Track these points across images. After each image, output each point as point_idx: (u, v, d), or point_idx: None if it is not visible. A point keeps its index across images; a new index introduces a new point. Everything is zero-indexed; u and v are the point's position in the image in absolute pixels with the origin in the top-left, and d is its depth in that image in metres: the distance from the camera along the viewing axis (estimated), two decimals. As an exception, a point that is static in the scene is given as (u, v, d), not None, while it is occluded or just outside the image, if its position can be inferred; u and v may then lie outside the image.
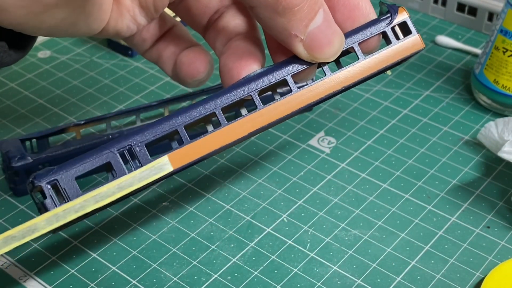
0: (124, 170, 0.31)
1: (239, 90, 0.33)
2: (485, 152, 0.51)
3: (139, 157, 0.31)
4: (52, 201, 0.30)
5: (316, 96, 0.34)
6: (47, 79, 0.58)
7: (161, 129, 0.32)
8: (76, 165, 0.31)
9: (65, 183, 0.31)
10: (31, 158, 0.45)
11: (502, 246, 0.44)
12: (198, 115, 0.32)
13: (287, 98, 0.33)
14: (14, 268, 0.42)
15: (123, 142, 0.31)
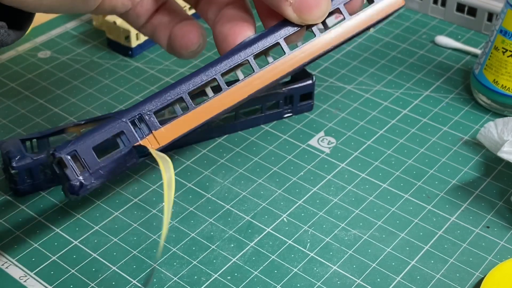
0: (136, 138, 0.33)
1: (236, 55, 0.35)
2: (485, 152, 0.51)
3: (149, 124, 0.34)
4: (73, 170, 0.32)
5: (308, 56, 0.36)
6: (48, 79, 0.58)
7: (167, 97, 0.34)
8: (92, 136, 0.33)
9: (83, 153, 0.33)
10: (31, 158, 0.45)
11: (501, 246, 0.44)
12: (200, 82, 0.34)
13: (282, 60, 0.36)
14: (14, 268, 0.42)
15: (133, 111, 0.33)
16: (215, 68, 0.35)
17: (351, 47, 0.62)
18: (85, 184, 0.33)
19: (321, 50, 0.36)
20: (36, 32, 0.64)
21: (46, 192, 0.47)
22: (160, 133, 0.34)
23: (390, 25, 0.65)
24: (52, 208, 0.46)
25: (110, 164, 0.33)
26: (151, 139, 0.34)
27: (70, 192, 0.33)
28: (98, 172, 0.33)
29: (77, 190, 0.33)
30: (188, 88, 0.34)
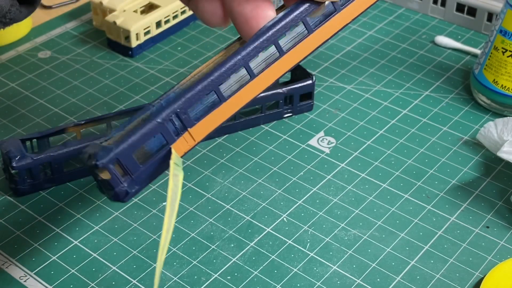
0: (173, 138, 0.33)
1: (262, 41, 0.34)
2: (485, 152, 0.51)
3: (185, 122, 0.33)
4: (117, 178, 0.32)
5: (330, 32, 0.35)
6: (48, 79, 0.58)
7: (201, 92, 0.33)
8: (131, 140, 0.32)
9: (125, 159, 0.32)
10: (31, 158, 0.45)
11: (501, 245, 0.44)
12: (230, 73, 0.34)
13: (308, 39, 0.35)
14: (14, 267, 0.42)
15: (168, 110, 0.33)
16: (243, 57, 0.34)
17: (351, 47, 0.62)
18: (129, 191, 0.32)
19: (342, 25, 0.36)
20: (36, 32, 0.64)
21: (46, 192, 0.47)
22: (195, 129, 0.34)
23: (390, 25, 0.65)
24: (52, 208, 0.46)
25: (150, 168, 0.33)
26: (187, 137, 0.33)
27: (115, 200, 0.33)
28: (140, 177, 0.33)
29: (122, 198, 0.32)
30: (219, 81, 0.33)
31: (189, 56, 0.61)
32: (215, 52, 0.62)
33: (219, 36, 0.64)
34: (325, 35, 0.35)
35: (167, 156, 0.33)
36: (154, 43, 0.62)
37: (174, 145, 0.33)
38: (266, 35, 0.34)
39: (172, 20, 0.62)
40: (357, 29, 0.65)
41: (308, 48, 0.35)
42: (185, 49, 0.62)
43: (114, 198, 0.32)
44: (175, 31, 0.63)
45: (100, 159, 0.31)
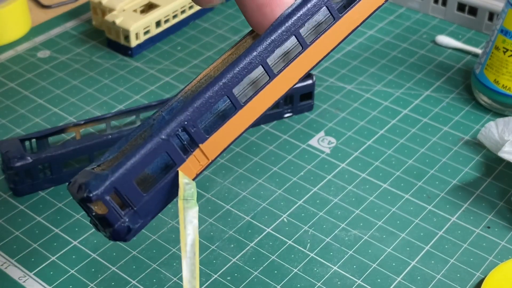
0: (182, 157, 0.27)
1: (281, 32, 0.28)
2: (485, 152, 0.51)
3: (194, 137, 0.27)
4: (115, 212, 0.26)
5: (359, 18, 0.31)
6: (47, 79, 0.58)
7: (211, 100, 0.27)
8: (131, 164, 0.26)
9: (124, 188, 0.26)
10: (30, 158, 0.45)
11: (502, 246, 0.44)
12: (245, 74, 0.28)
13: (334, 27, 0.30)
14: (13, 268, 0.42)
15: (173, 123, 0.27)
16: (259, 54, 0.28)
17: (351, 47, 0.62)
18: (132, 227, 0.26)
19: (371, 10, 0.32)
20: (36, 32, 0.63)
21: (45, 192, 0.47)
22: (207, 145, 0.27)
23: (391, 24, 0.65)
24: (51, 208, 0.46)
25: (156, 196, 0.27)
26: (199, 155, 0.27)
27: (115, 239, 0.27)
28: (145, 208, 0.27)
29: (124, 236, 0.26)
30: (233, 84, 0.27)
31: (189, 56, 0.61)
32: (215, 52, 0.62)
33: (219, 35, 0.63)
34: (353, 22, 0.31)
35: (176, 180, 0.27)
36: (154, 43, 0.62)
37: (183, 166, 0.27)
38: (285, 25, 0.28)
39: (171, 19, 0.62)
40: (357, 29, 0.65)
41: (335, 39, 0.30)
42: (185, 49, 0.62)
43: (114, 237, 0.27)
44: (175, 30, 0.63)
45: (94, 190, 0.25)
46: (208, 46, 0.62)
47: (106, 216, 0.26)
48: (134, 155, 0.26)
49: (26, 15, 0.63)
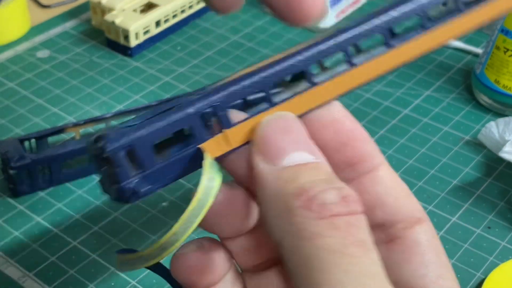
0: (204, 136, 0.26)
1: (329, 45, 0.27)
2: (486, 152, 0.51)
3: (222, 120, 0.26)
4: (125, 170, 0.25)
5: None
6: (46, 79, 0.58)
7: (247, 89, 0.26)
8: (153, 128, 0.25)
9: (141, 149, 0.25)
10: (30, 158, 0.45)
11: (503, 246, 0.44)
12: (285, 74, 0.27)
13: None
14: (13, 268, 0.42)
15: (204, 101, 0.26)
16: (305, 57, 0.27)
17: (352, 47, 0.62)
18: (137, 190, 0.25)
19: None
20: (35, 32, 0.63)
21: (45, 193, 0.47)
22: (233, 132, 0.26)
23: (391, 24, 0.65)
24: (51, 209, 0.46)
25: (169, 166, 0.26)
26: (222, 139, 0.26)
27: (118, 198, 0.26)
28: (155, 175, 0.26)
29: (127, 196, 0.25)
30: (271, 80, 0.27)
31: (188, 56, 0.61)
32: (215, 52, 0.61)
33: (219, 35, 0.63)
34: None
35: (195, 157, 0.26)
36: (154, 43, 0.62)
37: (204, 145, 0.26)
38: (336, 38, 0.27)
39: (171, 19, 0.62)
40: (357, 29, 0.64)
41: (384, 67, 0.28)
42: (185, 49, 0.62)
43: (117, 196, 0.26)
44: (175, 30, 0.63)
45: (110, 144, 0.25)
46: (208, 46, 0.62)
47: (115, 172, 0.25)
48: (158, 120, 0.26)
49: (25, 15, 0.63)
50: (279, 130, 0.24)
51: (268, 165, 0.24)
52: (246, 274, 0.28)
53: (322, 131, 0.26)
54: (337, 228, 0.22)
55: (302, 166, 0.23)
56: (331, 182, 0.23)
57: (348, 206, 0.22)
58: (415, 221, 0.27)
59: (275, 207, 0.23)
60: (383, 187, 0.27)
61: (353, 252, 0.22)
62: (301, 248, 0.22)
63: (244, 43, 0.62)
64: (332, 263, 0.21)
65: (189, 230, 0.25)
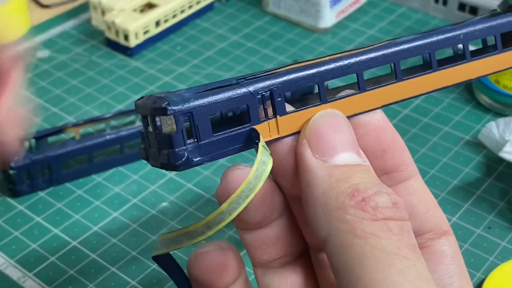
0: (258, 118, 0.26)
1: (381, 55, 0.28)
2: (486, 152, 0.51)
3: (276, 106, 0.26)
4: (182, 136, 0.25)
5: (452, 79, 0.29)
6: (46, 79, 0.58)
7: (302, 81, 0.27)
8: (213, 100, 0.25)
9: (199, 119, 0.25)
10: (30, 158, 0.45)
11: (503, 246, 0.44)
12: (340, 74, 0.28)
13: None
14: (13, 269, 0.42)
15: (262, 83, 0.26)
16: (361, 61, 0.28)
17: (352, 47, 0.62)
18: (190, 158, 0.25)
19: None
20: (35, 32, 0.63)
21: (44, 193, 0.47)
22: (285, 120, 0.26)
23: (391, 24, 0.65)
24: (50, 209, 0.46)
25: (223, 142, 0.26)
26: (273, 125, 0.27)
27: (169, 162, 0.25)
28: (208, 147, 0.26)
29: (179, 161, 0.25)
30: (327, 77, 0.27)
31: (188, 56, 0.61)
32: (215, 51, 0.61)
33: (219, 35, 0.63)
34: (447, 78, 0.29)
35: (248, 137, 0.27)
36: (153, 43, 0.62)
37: (258, 127, 0.26)
38: (385, 51, 0.28)
39: (171, 19, 0.62)
40: (358, 29, 0.64)
41: (431, 85, 0.29)
42: (185, 49, 0.62)
43: (169, 160, 0.25)
44: (175, 30, 0.63)
45: (173, 105, 0.24)
46: (208, 46, 0.62)
47: (172, 136, 0.25)
48: (219, 93, 0.26)
49: (25, 15, 0.63)
50: (332, 128, 0.25)
51: (318, 160, 0.24)
52: (258, 270, 0.28)
53: (365, 138, 0.26)
54: (391, 231, 0.22)
55: (354, 167, 0.24)
56: (382, 186, 0.24)
57: (399, 211, 0.23)
58: (442, 233, 0.27)
59: (325, 204, 0.23)
60: (416, 198, 0.27)
61: (407, 255, 0.22)
62: (354, 246, 0.22)
63: (244, 43, 0.62)
64: (387, 263, 0.22)
65: (236, 211, 0.25)
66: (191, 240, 0.25)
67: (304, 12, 0.64)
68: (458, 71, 0.29)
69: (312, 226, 0.24)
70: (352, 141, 0.25)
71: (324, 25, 0.63)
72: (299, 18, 0.64)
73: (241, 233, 0.28)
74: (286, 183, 0.27)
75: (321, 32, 0.64)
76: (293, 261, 0.28)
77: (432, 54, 0.29)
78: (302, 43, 0.62)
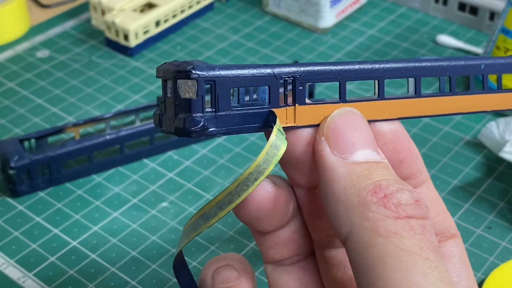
0: (278, 102, 0.26)
1: (403, 68, 0.28)
2: (486, 152, 0.51)
3: (297, 94, 0.26)
4: (201, 102, 0.25)
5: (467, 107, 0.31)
6: (46, 79, 0.58)
7: (326, 75, 0.27)
8: (237, 73, 0.26)
9: (221, 89, 0.25)
10: (29, 158, 0.45)
11: (503, 247, 0.44)
12: (364, 77, 0.28)
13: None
14: (12, 269, 0.42)
15: (286, 69, 0.27)
16: (384, 69, 0.28)
17: (352, 47, 0.62)
18: (206, 125, 0.25)
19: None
20: (35, 32, 0.63)
21: (44, 193, 0.47)
22: (303, 110, 0.27)
23: (391, 24, 0.65)
24: (50, 209, 0.46)
25: (239, 117, 0.26)
26: (290, 113, 0.27)
27: (184, 126, 0.25)
28: (224, 119, 0.26)
29: (194, 127, 0.25)
30: (349, 76, 0.27)
31: (189, 56, 0.61)
32: (215, 51, 0.61)
33: (219, 35, 0.63)
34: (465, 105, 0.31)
35: (265, 118, 0.27)
36: (153, 43, 0.61)
37: (276, 110, 0.26)
38: (408, 64, 0.28)
39: (171, 19, 0.62)
40: (358, 29, 0.64)
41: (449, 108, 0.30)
42: (185, 49, 0.62)
43: (185, 124, 0.25)
44: (175, 30, 0.63)
45: (198, 70, 0.25)
46: (208, 46, 0.62)
47: (192, 101, 0.25)
48: (244, 68, 0.26)
49: (25, 15, 0.63)
50: (350, 125, 0.25)
51: (338, 157, 0.24)
52: (269, 266, 0.29)
53: (383, 148, 0.26)
54: (413, 230, 0.22)
55: (374, 164, 0.24)
56: (403, 183, 0.23)
57: (421, 209, 0.23)
58: (450, 236, 0.27)
59: (346, 200, 0.23)
60: (428, 203, 0.28)
61: (430, 256, 0.22)
62: (377, 244, 0.22)
63: (244, 43, 0.62)
64: (410, 264, 0.22)
65: (244, 193, 0.25)
66: (206, 223, 0.26)
67: (304, 12, 0.64)
68: (476, 100, 0.30)
69: (333, 223, 0.24)
70: (370, 139, 0.25)
71: (324, 25, 0.63)
72: (299, 18, 0.64)
73: (255, 234, 0.28)
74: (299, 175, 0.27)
75: (321, 32, 0.64)
76: (303, 260, 0.28)
77: (452, 77, 0.29)
78: (302, 43, 0.62)
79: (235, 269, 0.28)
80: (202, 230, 0.26)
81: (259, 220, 0.27)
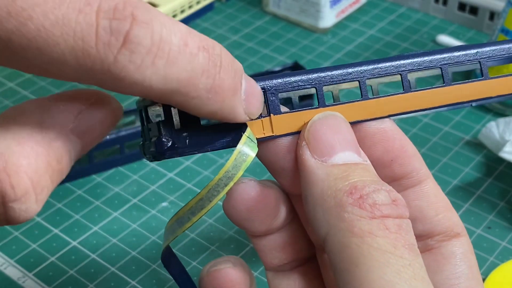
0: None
1: (387, 66, 0.28)
2: (486, 152, 0.51)
3: (270, 104, 0.27)
4: (171, 124, 0.26)
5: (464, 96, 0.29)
6: (47, 79, 0.58)
7: (299, 83, 0.27)
8: None
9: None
10: (30, 159, 0.45)
11: (503, 246, 0.44)
12: (340, 80, 0.27)
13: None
14: (12, 269, 0.42)
15: (260, 83, 0.27)
16: (363, 70, 0.28)
17: (352, 47, 0.62)
18: (176, 146, 0.26)
19: None
20: (35, 32, 0.63)
21: (44, 193, 0.47)
22: (278, 119, 0.27)
23: (391, 24, 0.65)
24: (50, 209, 0.46)
25: (210, 133, 0.26)
26: (266, 123, 0.27)
27: (157, 148, 0.25)
28: (195, 137, 0.26)
29: (164, 150, 0.25)
30: (325, 81, 0.27)
31: (188, 56, 0.61)
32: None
33: (219, 35, 0.63)
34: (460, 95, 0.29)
35: (237, 132, 0.27)
36: (154, 43, 0.61)
37: (249, 122, 0.26)
38: (394, 62, 0.28)
39: (171, 19, 0.62)
40: (358, 29, 0.64)
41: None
42: (185, 49, 0.62)
43: (156, 147, 0.26)
44: (175, 30, 0.63)
45: None
46: (208, 46, 0.62)
47: (160, 123, 0.25)
48: None
49: (25, 15, 0.63)
50: (330, 128, 0.25)
51: (317, 160, 0.24)
52: (269, 273, 0.29)
53: (372, 148, 0.26)
54: (388, 229, 0.22)
55: (352, 165, 0.24)
56: (381, 184, 0.23)
57: (398, 209, 0.23)
58: (453, 235, 0.28)
59: (324, 202, 0.23)
60: (425, 202, 0.27)
61: (404, 254, 0.22)
62: (351, 244, 0.22)
63: (244, 43, 0.62)
64: (383, 263, 0.22)
65: (215, 198, 0.25)
66: (181, 227, 0.26)
67: (304, 12, 0.64)
68: (472, 88, 0.29)
69: (313, 225, 0.24)
70: (351, 141, 0.25)
71: (324, 25, 0.63)
72: (299, 18, 0.64)
73: (251, 238, 0.28)
74: (286, 183, 0.27)
75: (321, 32, 0.64)
76: (302, 265, 0.29)
77: (444, 69, 0.29)
78: (302, 43, 0.62)
79: (234, 271, 0.28)
80: (179, 234, 0.26)
81: (249, 221, 0.27)
